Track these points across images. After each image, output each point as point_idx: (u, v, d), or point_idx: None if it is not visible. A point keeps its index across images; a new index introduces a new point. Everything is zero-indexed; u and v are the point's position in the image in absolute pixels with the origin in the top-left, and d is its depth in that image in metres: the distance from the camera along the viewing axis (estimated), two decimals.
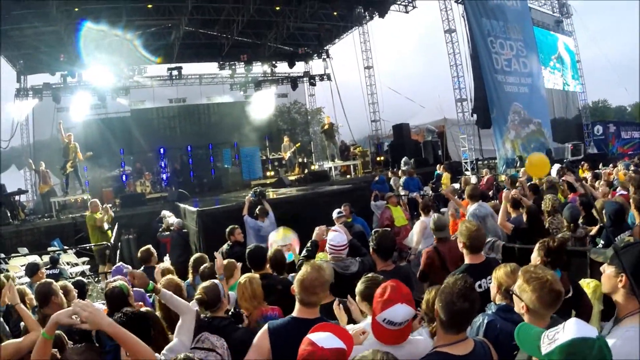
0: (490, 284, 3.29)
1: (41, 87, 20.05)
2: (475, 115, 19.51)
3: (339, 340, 2.22)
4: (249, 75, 25.21)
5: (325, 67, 25.86)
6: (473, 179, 13.72)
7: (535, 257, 3.71)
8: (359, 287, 3.20)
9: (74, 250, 11.49)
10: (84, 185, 16.47)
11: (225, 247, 6.86)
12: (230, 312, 3.75)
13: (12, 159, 23.01)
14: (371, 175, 18.61)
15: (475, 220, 6.12)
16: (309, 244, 4.91)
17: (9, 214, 13.50)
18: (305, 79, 26.82)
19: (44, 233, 13.17)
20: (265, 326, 3.01)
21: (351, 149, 22.28)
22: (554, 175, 11.88)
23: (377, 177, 15.16)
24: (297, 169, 21.16)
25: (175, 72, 22.35)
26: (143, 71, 22.03)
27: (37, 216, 15.27)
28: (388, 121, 25.78)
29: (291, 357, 2.21)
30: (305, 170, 20.40)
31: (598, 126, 28.69)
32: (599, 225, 6.24)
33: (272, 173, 21.58)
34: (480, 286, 3.70)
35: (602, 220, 5.91)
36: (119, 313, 2.94)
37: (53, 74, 19.91)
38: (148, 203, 16.06)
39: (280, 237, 6.53)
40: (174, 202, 14.28)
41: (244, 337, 3.24)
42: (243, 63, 22.98)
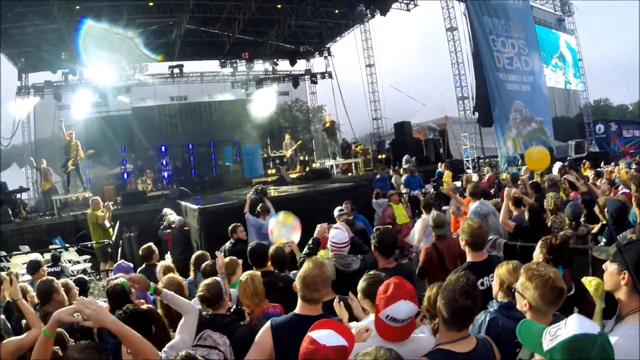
0: (492, 282, 3.28)
1: (42, 85, 20.04)
2: (476, 114, 19.49)
3: (340, 337, 2.21)
4: (250, 73, 25.19)
5: (327, 65, 25.96)
6: (474, 177, 13.72)
7: (538, 254, 3.69)
8: (361, 284, 3.19)
9: (76, 248, 11.48)
10: (85, 183, 16.47)
11: (227, 245, 6.89)
12: (232, 309, 3.74)
13: (13, 157, 23.01)
14: (372, 173, 18.63)
15: (477, 218, 6.11)
16: (310, 242, 4.90)
17: (10, 212, 13.50)
18: (306, 76, 26.78)
19: (45, 231, 13.16)
20: (268, 323, 3.01)
21: (352, 147, 22.29)
22: (555, 173, 11.88)
23: (378, 175, 15.17)
24: (298, 167, 21.14)
25: (176, 70, 22.34)
26: (144, 69, 21.96)
27: (39, 214, 15.28)
28: (389, 119, 25.85)
29: (294, 354, 2.20)
30: (307, 168, 20.40)
31: (600, 125, 28.63)
32: (601, 223, 6.23)
33: (274, 171, 21.54)
34: (482, 284, 3.69)
35: (604, 218, 5.90)
36: (120, 310, 2.94)
37: (54, 72, 19.97)
38: (149, 201, 16.02)
39: (281, 224, 6.40)
40: (175, 200, 14.29)
41: (246, 334, 3.24)
42: (244, 61, 22.99)
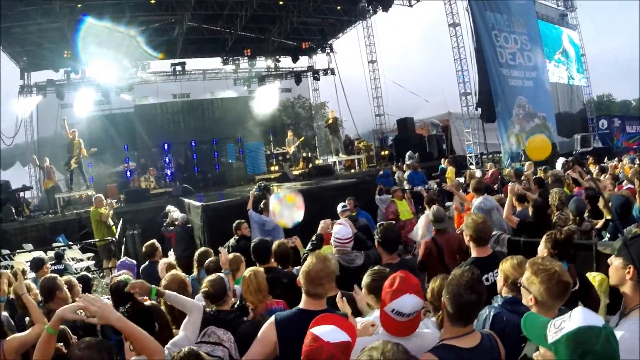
0: (497, 278, 3.27)
1: (45, 83, 20.10)
2: (479, 109, 19.47)
3: (343, 332, 2.18)
4: (252, 70, 25.21)
5: (329, 61, 25.85)
6: (477, 173, 13.66)
7: (542, 249, 3.68)
8: (366, 279, 3.18)
9: (79, 246, 11.51)
10: (88, 181, 16.47)
11: (232, 241, 6.91)
12: (235, 305, 3.74)
13: (16, 156, 22.98)
14: (375, 169, 18.62)
15: (480, 213, 6.09)
16: (314, 238, 4.89)
17: (13, 211, 13.55)
18: (309, 73, 26.82)
19: (48, 229, 13.17)
20: (272, 318, 3.00)
21: (355, 143, 22.25)
22: (559, 169, 11.84)
23: (381, 171, 15.15)
24: (301, 164, 21.11)
25: (178, 68, 22.34)
26: (146, 67, 21.98)
27: (42, 212, 15.31)
28: (392, 115, 25.75)
29: (298, 349, 2.18)
30: (310, 165, 20.39)
31: (603, 120, 28.51)
32: (605, 218, 6.21)
33: (277, 168, 21.54)
34: (487, 279, 3.67)
35: (609, 213, 5.88)
36: (124, 307, 2.93)
37: (57, 70, 20.05)
38: (152, 198, 16.05)
39: (283, 204, 6.31)
40: (179, 197, 14.32)
41: (250, 330, 3.23)
42: (247, 58, 23.03)
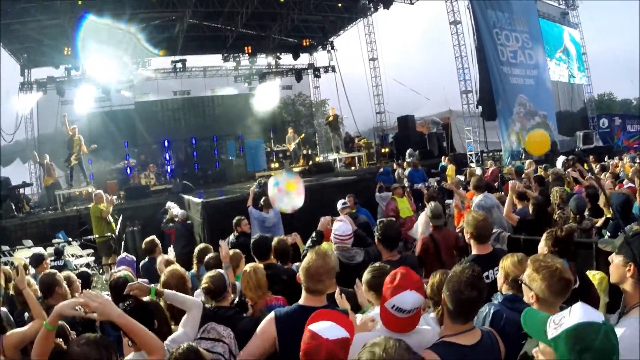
0: (497, 275, 3.27)
1: (45, 80, 20.06)
2: (480, 107, 19.47)
3: (341, 328, 2.16)
4: (253, 67, 25.18)
5: (330, 59, 25.84)
6: (478, 170, 13.66)
7: (543, 246, 3.67)
8: (366, 276, 3.17)
9: (79, 243, 11.52)
10: (88, 178, 16.47)
11: (231, 238, 6.88)
12: (235, 301, 3.73)
13: (16, 152, 22.99)
14: (376, 166, 18.59)
15: (481, 211, 6.09)
16: (314, 234, 4.88)
17: (13, 207, 13.52)
18: (309, 70, 26.76)
19: (48, 225, 13.16)
20: (272, 314, 3.00)
21: (356, 141, 22.20)
22: (559, 167, 11.84)
23: (381, 169, 15.13)
24: (301, 161, 21.07)
25: (179, 65, 22.32)
26: (147, 64, 21.93)
27: (42, 209, 15.28)
28: (393, 113, 25.78)
29: (298, 345, 2.17)
30: (310, 162, 20.36)
31: (603, 119, 28.53)
32: (605, 217, 6.21)
33: (277, 165, 21.45)
34: (487, 277, 3.66)
35: (611, 211, 5.87)
36: (123, 304, 2.92)
37: (57, 67, 20.01)
38: (152, 195, 16.00)
39: (284, 193, 6.20)
40: (179, 194, 14.30)
41: (249, 326, 3.22)
42: (247, 55, 22.95)
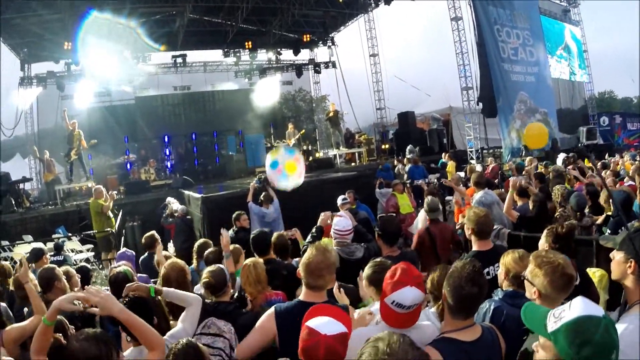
0: (497, 271, 3.26)
1: (45, 75, 20.03)
2: (481, 104, 19.41)
3: (339, 323, 2.16)
4: (253, 62, 25.10)
5: (331, 54, 25.81)
6: (478, 167, 13.64)
7: (543, 243, 3.66)
8: (367, 271, 3.15)
9: (79, 238, 11.52)
10: (88, 173, 16.43)
11: (230, 233, 6.85)
12: (234, 296, 3.72)
13: (16, 147, 22.96)
14: (376, 163, 18.60)
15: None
16: (314, 230, 4.87)
17: (13, 202, 13.52)
18: (310, 66, 26.72)
19: (48, 221, 13.15)
20: (272, 309, 2.99)
21: (356, 137, 22.17)
22: (559, 164, 11.84)
23: (382, 165, 15.13)
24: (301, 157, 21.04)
25: (179, 60, 22.28)
26: (147, 59, 21.89)
27: (42, 204, 15.28)
28: (393, 109, 25.68)
29: (297, 340, 2.17)
30: (310, 158, 20.29)
31: (604, 117, 28.52)
32: (605, 214, 6.21)
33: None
34: (488, 273, 3.67)
35: (611, 209, 5.87)
36: (123, 299, 2.92)
37: (57, 62, 19.94)
38: (152, 190, 16.01)
39: (286, 177, 6.17)
40: (179, 189, 14.31)
41: (250, 321, 3.21)
42: (248, 50, 22.88)
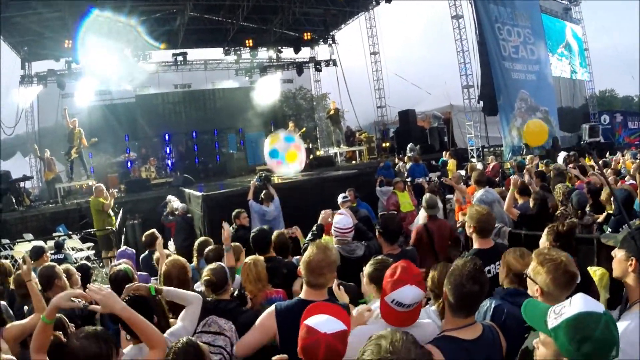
0: (498, 270, 3.26)
1: (46, 73, 20.03)
2: (481, 102, 19.40)
3: (338, 321, 2.15)
4: (254, 60, 25.09)
5: (331, 52, 25.80)
6: (479, 166, 13.63)
7: (544, 241, 3.65)
8: (368, 269, 3.15)
9: (79, 236, 11.52)
10: (88, 171, 16.43)
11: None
12: (234, 293, 3.72)
13: (17, 146, 22.98)
14: (376, 161, 18.58)
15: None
16: (314, 228, 4.86)
17: (14, 200, 13.51)
18: (310, 64, 26.75)
19: (49, 219, 13.15)
20: (272, 307, 2.99)
21: (357, 135, 22.18)
22: (560, 163, 11.82)
23: (382, 163, 15.10)
24: None
25: (180, 58, 22.30)
26: (148, 57, 21.88)
27: (42, 202, 15.26)
28: (394, 107, 25.66)
29: (297, 339, 2.16)
30: (311, 156, 20.25)
31: (605, 115, 28.49)
32: (606, 212, 6.20)
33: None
34: (489, 271, 3.67)
35: (612, 207, 5.86)
36: (123, 297, 2.91)
37: (57, 60, 19.91)
38: (153, 188, 16.00)
39: (286, 165, 6.15)
40: (179, 187, 14.31)
41: (250, 319, 3.20)
42: (248, 48, 22.85)
